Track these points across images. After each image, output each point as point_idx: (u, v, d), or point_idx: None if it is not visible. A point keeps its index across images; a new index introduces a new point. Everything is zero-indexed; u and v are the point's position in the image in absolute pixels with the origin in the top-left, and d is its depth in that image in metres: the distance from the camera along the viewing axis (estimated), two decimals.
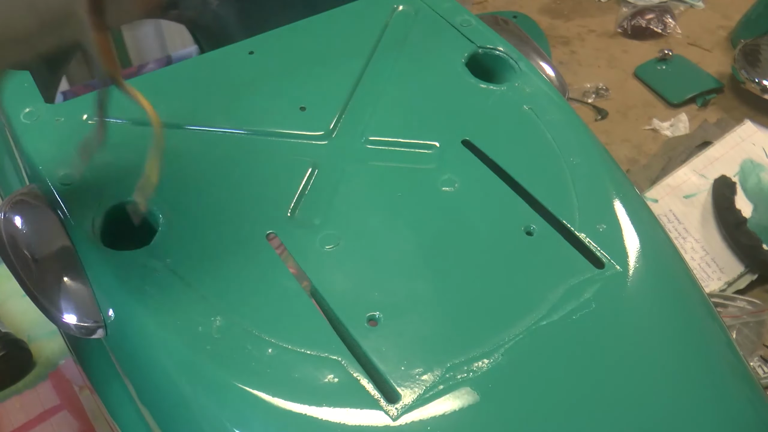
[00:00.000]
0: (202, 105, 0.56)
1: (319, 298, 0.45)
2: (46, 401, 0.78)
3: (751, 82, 1.17)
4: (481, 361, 0.42)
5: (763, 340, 0.88)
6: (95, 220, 0.48)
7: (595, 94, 1.20)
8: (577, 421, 0.41)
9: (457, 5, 0.65)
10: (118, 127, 0.54)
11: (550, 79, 0.61)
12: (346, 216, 0.49)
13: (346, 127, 0.55)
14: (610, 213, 0.50)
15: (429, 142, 0.54)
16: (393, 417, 0.40)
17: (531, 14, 1.32)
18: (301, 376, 0.41)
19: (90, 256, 0.47)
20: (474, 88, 0.59)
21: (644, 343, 0.44)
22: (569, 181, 0.52)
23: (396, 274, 0.46)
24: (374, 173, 0.52)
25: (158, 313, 0.44)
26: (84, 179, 0.49)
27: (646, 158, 1.11)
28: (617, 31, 1.33)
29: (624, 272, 0.47)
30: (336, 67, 0.59)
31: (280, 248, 0.48)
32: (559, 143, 0.54)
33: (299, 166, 0.52)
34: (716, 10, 1.38)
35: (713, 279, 0.96)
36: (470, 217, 0.50)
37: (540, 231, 0.49)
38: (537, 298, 0.45)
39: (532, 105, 0.57)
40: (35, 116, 0.53)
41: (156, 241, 0.47)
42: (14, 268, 0.47)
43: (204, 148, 0.53)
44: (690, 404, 0.43)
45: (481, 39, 0.62)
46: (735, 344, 0.49)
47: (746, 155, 1.07)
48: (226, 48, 0.61)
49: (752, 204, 1.02)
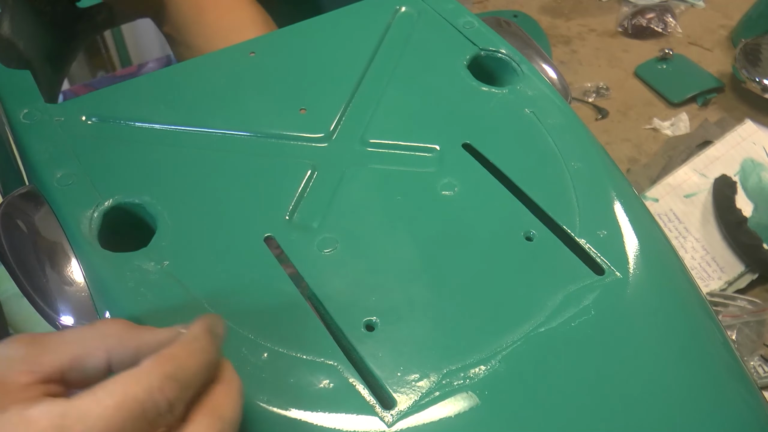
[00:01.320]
0: (201, 106, 0.56)
1: (315, 302, 0.45)
2: None
3: (751, 82, 1.17)
4: (478, 368, 0.42)
5: (764, 339, 0.88)
6: (93, 221, 0.47)
7: (595, 93, 1.20)
8: (575, 428, 0.41)
9: (459, 7, 0.64)
10: (118, 128, 0.53)
11: (553, 81, 0.60)
12: (344, 219, 0.49)
13: (346, 129, 0.55)
14: (611, 219, 0.50)
15: (429, 145, 0.54)
16: (388, 423, 0.40)
17: (531, 13, 1.31)
18: (297, 380, 0.41)
19: (87, 256, 0.46)
20: (475, 90, 0.58)
21: (643, 351, 0.44)
22: (570, 186, 0.52)
23: (394, 279, 0.46)
24: (374, 176, 0.52)
25: (154, 315, 0.44)
26: (82, 180, 0.49)
27: (647, 157, 1.11)
28: (618, 30, 1.33)
29: (624, 279, 0.47)
30: (337, 69, 0.59)
31: (277, 251, 0.48)
32: (561, 147, 0.54)
33: (298, 169, 0.52)
34: (717, 9, 1.38)
35: (713, 278, 0.96)
36: (470, 221, 0.49)
37: (540, 236, 0.49)
38: (536, 305, 0.45)
39: (534, 108, 0.57)
40: (35, 116, 0.53)
41: (153, 243, 0.47)
42: (11, 268, 0.47)
43: (203, 149, 0.53)
44: (689, 412, 0.43)
45: (484, 41, 0.62)
46: (733, 347, 0.49)
47: (747, 154, 1.07)
48: (226, 48, 0.61)
49: (753, 203, 1.02)
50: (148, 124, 0.54)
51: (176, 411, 0.30)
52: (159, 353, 0.30)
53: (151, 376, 0.29)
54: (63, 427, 0.26)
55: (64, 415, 0.26)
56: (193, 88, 0.57)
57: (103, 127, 0.53)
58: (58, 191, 0.49)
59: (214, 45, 0.66)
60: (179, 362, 0.30)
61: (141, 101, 0.56)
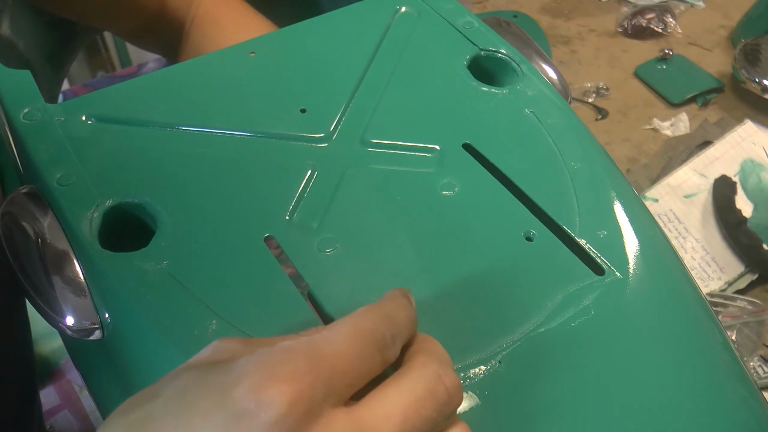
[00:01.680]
0: (201, 106, 0.56)
1: (315, 302, 0.45)
2: (46, 401, 0.78)
3: (751, 82, 1.17)
4: (477, 368, 0.42)
5: (764, 339, 0.88)
6: (93, 221, 0.47)
7: (595, 93, 1.20)
8: (575, 428, 0.41)
9: (459, 7, 0.64)
10: (118, 128, 0.53)
11: (552, 81, 0.60)
12: (344, 219, 0.49)
13: (346, 130, 0.55)
14: (611, 219, 0.50)
15: (429, 146, 0.54)
16: None
17: (531, 14, 1.31)
18: None
19: (87, 257, 0.46)
20: (475, 90, 0.58)
21: (642, 351, 0.44)
22: (570, 186, 0.52)
23: (393, 279, 0.46)
24: (374, 176, 0.52)
25: (154, 315, 0.44)
26: (82, 180, 0.49)
27: (647, 158, 1.11)
28: (618, 30, 1.33)
29: (624, 279, 0.47)
30: (337, 69, 0.59)
31: (277, 251, 0.48)
32: (561, 147, 0.54)
33: (299, 169, 0.52)
34: (717, 9, 1.38)
35: (713, 279, 0.96)
36: (470, 221, 0.50)
37: (540, 236, 0.49)
38: (536, 305, 0.45)
39: (534, 109, 0.57)
40: (35, 116, 0.53)
41: (153, 243, 0.47)
42: (11, 268, 0.47)
43: (203, 149, 0.53)
44: (689, 412, 0.43)
45: (484, 41, 0.62)
46: (733, 347, 0.49)
47: (747, 155, 1.06)
48: (226, 48, 0.61)
49: (753, 203, 1.02)
50: (148, 124, 0.54)
51: (396, 346, 0.34)
52: (370, 304, 0.35)
53: (371, 313, 0.34)
54: (316, 350, 0.31)
55: (311, 342, 0.31)
56: (193, 88, 0.57)
57: (103, 127, 0.53)
58: (58, 191, 0.49)
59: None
60: (389, 309, 0.35)
61: (141, 101, 0.56)
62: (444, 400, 0.33)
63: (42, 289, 0.46)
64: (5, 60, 0.58)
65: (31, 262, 0.47)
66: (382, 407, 0.31)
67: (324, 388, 0.29)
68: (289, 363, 0.30)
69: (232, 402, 0.28)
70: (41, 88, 0.56)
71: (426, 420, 0.32)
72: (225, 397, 0.29)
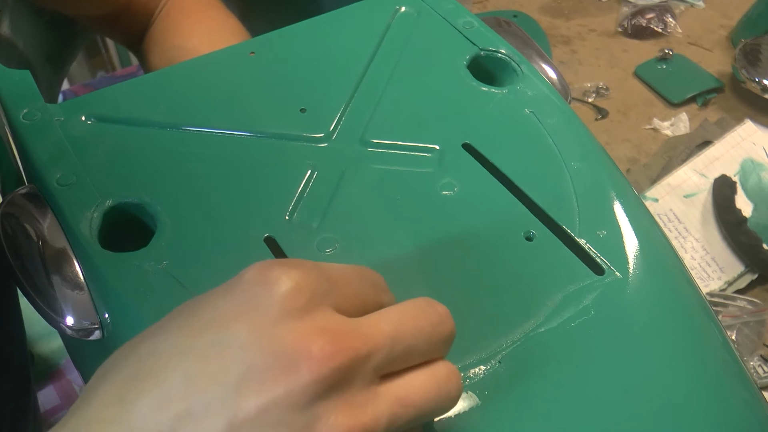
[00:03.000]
0: (201, 105, 0.56)
1: None
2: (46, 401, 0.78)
3: (751, 82, 1.17)
4: (477, 368, 0.42)
5: (764, 339, 0.89)
6: (93, 221, 0.47)
7: (595, 93, 1.20)
8: (575, 428, 0.41)
9: (459, 7, 0.64)
10: (118, 128, 0.53)
11: (552, 81, 0.60)
12: (344, 219, 0.49)
13: (346, 129, 0.55)
14: (611, 219, 0.50)
15: (429, 145, 0.54)
16: None
17: (531, 13, 1.31)
18: None
19: (87, 257, 0.46)
20: (475, 90, 0.58)
21: (642, 351, 0.44)
22: (570, 186, 0.52)
23: (393, 279, 0.46)
24: (374, 176, 0.52)
25: (154, 315, 0.44)
26: (83, 180, 0.49)
27: (647, 157, 1.11)
28: (618, 30, 1.33)
29: (624, 279, 0.47)
30: (337, 69, 0.59)
31: (277, 251, 0.48)
32: (561, 147, 0.54)
33: (298, 169, 0.52)
34: (717, 9, 1.38)
35: (713, 278, 0.96)
36: (470, 221, 0.49)
37: (540, 236, 0.49)
38: (535, 305, 0.45)
39: (534, 108, 0.57)
40: (35, 116, 0.53)
41: (153, 243, 0.47)
42: (11, 268, 0.47)
43: (203, 149, 0.53)
44: (688, 412, 0.43)
45: (484, 41, 0.62)
46: (733, 347, 0.49)
47: (747, 154, 1.07)
48: (226, 48, 0.61)
49: (752, 203, 1.02)
50: (148, 124, 0.54)
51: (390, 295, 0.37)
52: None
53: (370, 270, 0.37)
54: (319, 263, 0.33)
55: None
56: (193, 88, 0.57)
57: (103, 127, 0.53)
58: (58, 191, 0.49)
59: (201, 43, 0.69)
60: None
61: (141, 101, 0.56)
62: (436, 321, 0.34)
63: (42, 288, 0.46)
64: (5, 60, 0.58)
65: (31, 262, 0.47)
66: (377, 315, 0.33)
67: (326, 285, 0.32)
68: (295, 260, 0.33)
69: (240, 283, 0.32)
70: (41, 88, 0.56)
71: (420, 331, 0.33)
72: (233, 283, 0.32)
